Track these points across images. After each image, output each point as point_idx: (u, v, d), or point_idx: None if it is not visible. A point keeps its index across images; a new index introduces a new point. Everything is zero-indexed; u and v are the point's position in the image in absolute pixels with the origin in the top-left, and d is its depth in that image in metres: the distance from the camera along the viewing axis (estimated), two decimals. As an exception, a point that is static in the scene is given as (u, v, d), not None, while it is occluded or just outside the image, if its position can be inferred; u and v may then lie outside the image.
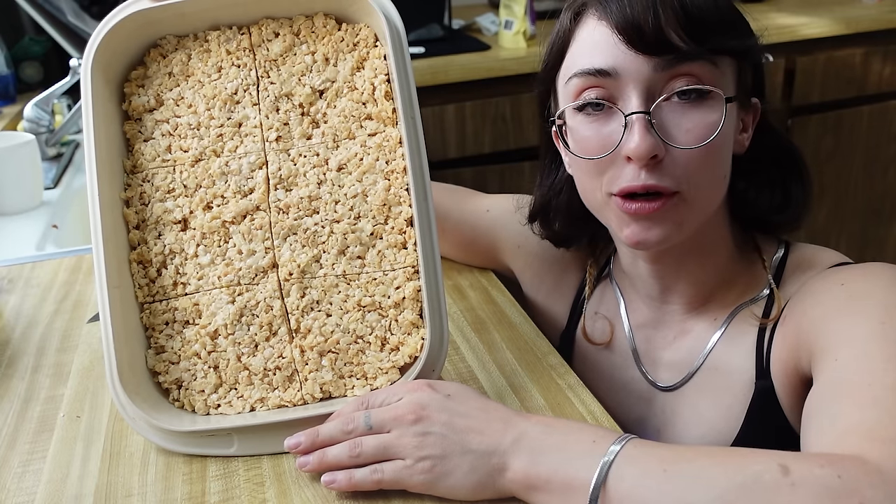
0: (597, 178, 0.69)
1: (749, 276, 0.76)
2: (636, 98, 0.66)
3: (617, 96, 0.67)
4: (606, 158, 0.67)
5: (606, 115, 0.68)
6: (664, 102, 0.66)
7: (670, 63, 0.65)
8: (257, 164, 0.70)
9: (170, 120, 0.72)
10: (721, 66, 0.67)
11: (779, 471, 0.49)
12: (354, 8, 0.71)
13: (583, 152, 0.69)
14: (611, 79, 0.67)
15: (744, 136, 0.73)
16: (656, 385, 0.80)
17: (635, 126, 0.65)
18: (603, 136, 0.67)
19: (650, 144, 0.64)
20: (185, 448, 0.66)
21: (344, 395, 0.68)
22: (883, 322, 0.60)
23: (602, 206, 0.71)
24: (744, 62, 0.70)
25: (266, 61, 0.72)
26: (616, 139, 0.66)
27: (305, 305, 0.68)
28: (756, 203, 0.75)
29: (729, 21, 0.68)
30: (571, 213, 0.80)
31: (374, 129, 0.70)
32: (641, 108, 0.65)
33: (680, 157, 0.66)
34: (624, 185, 0.67)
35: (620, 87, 0.66)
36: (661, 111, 0.66)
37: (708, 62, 0.66)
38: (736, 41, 0.68)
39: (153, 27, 0.71)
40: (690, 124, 0.66)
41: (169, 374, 0.69)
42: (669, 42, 0.65)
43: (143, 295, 0.70)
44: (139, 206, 0.71)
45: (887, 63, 2.04)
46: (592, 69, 0.67)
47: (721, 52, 0.66)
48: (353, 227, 0.69)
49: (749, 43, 0.70)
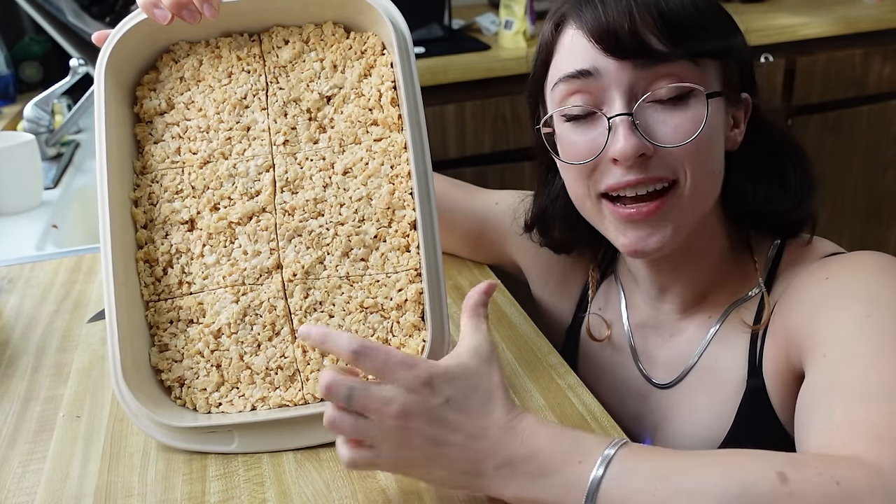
0: (585, 182, 0.70)
1: (742, 276, 0.77)
2: (619, 100, 0.67)
3: (601, 101, 0.68)
4: (593, 162, 0.68)
5: (592, 120, 0.69)
6: (647, 104, 0.67)
7: (650, 65, 0.66)
8: (264, 166, 0.71)
9: (180, 123, 0.73)
10: (703, 64, 0.68)
11: (776, 479, 0.47)
12: (363, 17, 0.72)
13: (570, 158, 0.70)
14: (593, 80, 0.67)
15: (735, 132, 0.73)
16: (653, 383, 0.80)
17: (619, 128, 0.66)
18: (589, 140, 0.69)
19: (634, 145, 0.65)
20: (186, 444, 0.67)
21: None
22: (868, 315, 0.60)
23: (595, 212, 0.72)
24: (728, 60, 0.70)
25: (275, 67, 0.73)
26: (602, 143, 0.67)
27: (308, 306, 0.69)
28: (752, 197, 0.74)
29: (709, 21, 0.69)
30: (569, 220, 0.81)
31: (379, 134, 0.72)
32: (624, 110, 0.66)
33: (668, 153, 0.67)
34: (612, 182, 0.67)
35: (603, 90, 0.68)
36: (645, 113, 0.67)
37: (689, 62, 0.66)
38: (717, 42, 0.68)
39: (166, 33, 0.72)
40: (676, 122, 0.67)
41: (172, 372, 0.70)
42: (647, 45, 0.66)
43: (149, 293, 0.71)
44: (147, 206, 0.72)
45: (887, 63, 2.05)
46: (574, 71, 0.68)
47: (701, 53, 0.67)
48: (357, 230, 0.70)
49: (731, 41, 0.70)
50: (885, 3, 2.12)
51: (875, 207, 2.20)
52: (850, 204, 2.17)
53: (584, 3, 0.68)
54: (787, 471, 0.48)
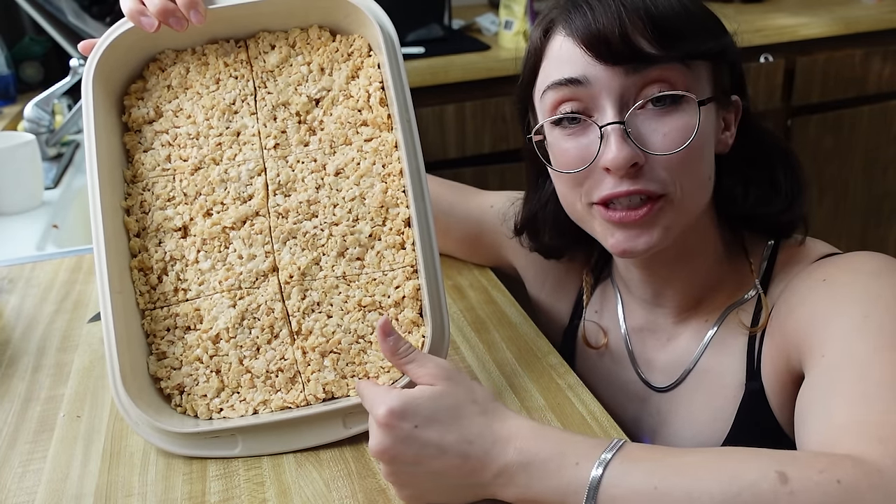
0: (576, 190, 0.70)
1: (738, 278, 0.76)
2: (610, 108, 0.66)
3: (592, 108, 0.67)
4: (585, 171, 0.68)
5: (583, 127, 0.68)
6: (639, 111, 0.66)
7: (641, 69, 0.65)
8: (256, 170, 0.72)
9: (169, 130, 0.73)
10: (694, 68, 0.67)
11: (776, 479, 0.47)
12: (349, 20, 0.73)
13: (562, 166, 0.70)
14: (583, 88, 0.67)
15: (726, 134, 0.73)
16: (651, 387, 0.80)
17: (611, 137, 0.65)
18: (580, 148, 0.68)
19: (627, 154, 0.65)
20: (189, 451, 0.67)
21: (346, 395, 0.69)
22: (866, 315, 0.60)
23: (585, 216, 0.71)
24: (719, 62, 0.70)
25: (263, 72, 0.74)
26: (594, 151, 0.67)
27: (306, 307, 0.69)
28: (743, 200, 0.74)
29: (699, 24, 0.68)
30: (558, 225, 0.80)
31: (370, 134, 0.72)
32: (616, 118, 0.65)
33: (660, 162, 0.66)
34: (605, 193, 0.67)
35: (594, 97, 0.67)
36: (637, 119, 0.66)
37: (680, 65, 0.66)
38: (707, 44, 0.68)
39: (152, 41, 0.72)
40: (666, 129, 0.66)
41: (171, 380, 0.70)
42: (638, 49, 0.65)
43: (145, 302, 0.71)
44: (140, 215, 0.72)
45: (887, 63, 2.04)
46: (563, 79, 0.67)
47: (692, 55, 0.67)
48: (351, 230, 0.70)
49: (722, 43, 0.70)
50: (884, 3, 2.11)
51: (875, 207, 2.20)
52: (850, 204, 2.16)
53: (574, 10, 0.67)
54: (788, 470, 0.48)
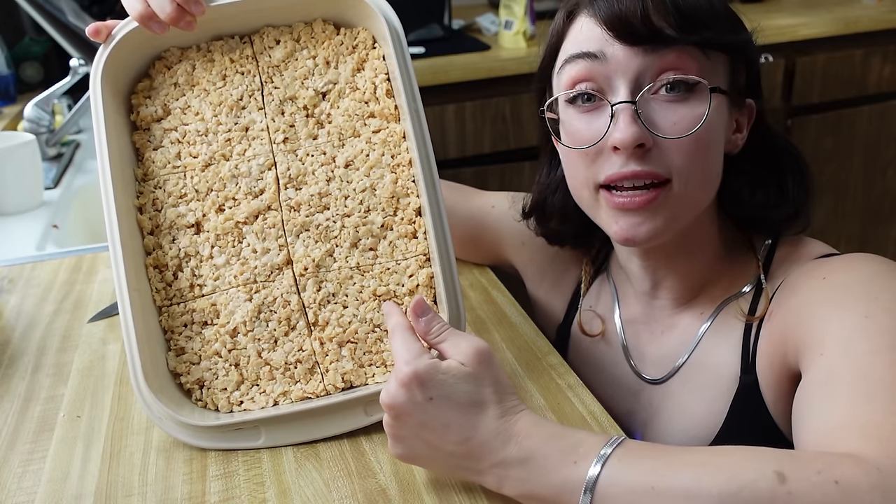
0: (586, 171, 0.71)
1: (736, 272, 0.77)
2: (623, 88, 0.67)
3: (606, 89, 0.69)
4: (594, 149, 0.69)
5: (597, 107, 0.69)
6: (651, 96, 0.67)
7: (658, 50, 0.66)
8: (266, 165, 0.72)
9: (178, 128, 0.74)
10: (712, 59, 0.68)
11: (774, 478, 0.47)
12: (353, 12, 0.73)
13: (573, 143, 0.70)
14: (599, 64, 0.68)
15: (738, 136, 0.74)
16: (644, 379, 0.81)
17: (621, 116, 0.66)
18: (592, 127, 0.69)
19: (635, 133, 0.66)
20: (213, 444, 0.67)
21: (365, 384, 0.70)
22: (867, 315, 0.60)
23: (592, 203, 0.72)
24: (737, 59, 0.70)
25: (269, 67, 0.74)
26: (603, 130, 0.68)
27: (322, 298, 0.70)
28: (750, 202, 0.75)
29: (721, 16, 0.69)
30: (566, 212, 0.81)
31: (377, 125, 0.73)
32: (628, 97, 0.67)
33: (667, 146, 0.67)
34: (611, 173, 0.68)
35: (609, 77, 0.68)
36: (649, 105, 0.67)
37: (697, 51, 0.67)
38: (726, 36, 0.69)
39: (157, 40, 0.73)
40: (677, 118, 0.67)
41: (190, 375, 0.70)
42: (657, 31, 0.66)
43: (161, 299, 0.71)
44: (152, 213, 0.73)
45: (887, 63, 2.04)
46: (580, 52, 0.69)
47: (711, 45, 0.67)
48: (363, 221, 0.71)
49: (741, 39, 0.70)
50: (884, 3, 2.11)
51: (875, 207, 2.20)
52: (850, 204, 2.16)
53: None
54: (786, 469, 0.48)
